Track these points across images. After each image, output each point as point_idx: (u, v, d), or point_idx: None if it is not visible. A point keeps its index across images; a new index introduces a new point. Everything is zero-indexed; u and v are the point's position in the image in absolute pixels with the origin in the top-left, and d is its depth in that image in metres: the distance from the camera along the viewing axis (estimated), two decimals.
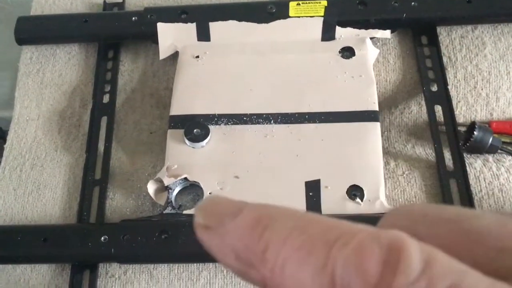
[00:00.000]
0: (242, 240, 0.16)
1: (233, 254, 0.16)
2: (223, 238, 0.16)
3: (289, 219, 0.16)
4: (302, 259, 0.14)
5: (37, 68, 0.64)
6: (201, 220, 0.17)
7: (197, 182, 0.53)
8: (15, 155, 0.59)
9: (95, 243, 0.49)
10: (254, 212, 0.16)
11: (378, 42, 0.62)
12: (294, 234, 0.15)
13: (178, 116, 0.56)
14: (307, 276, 0.14)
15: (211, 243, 0.17)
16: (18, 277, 0.53)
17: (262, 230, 0.15)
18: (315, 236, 0.15)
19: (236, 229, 0.16)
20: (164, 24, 0.61)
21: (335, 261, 0.14)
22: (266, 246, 0.15)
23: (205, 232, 0.17)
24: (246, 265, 0.16)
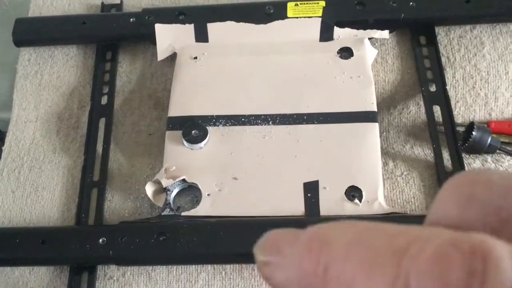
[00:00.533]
0: (301, 266, 0.15)
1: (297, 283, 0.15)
2: (284, 270, 0.15)
3: (344, 231, 0.14)
4: (370, 274, 0.13)
5: (35, 70, 0.64)
6: (261, 257, 0.16)
7: (195, 184, 0.53)
8: (13, 157, 0.59)
9: (93, 245, 0.49)
10: (308, 234, 0.15)
11: (376, 42, 0.61)
12: (353, 247, 0.14)
13: (176, 118, 0.56)
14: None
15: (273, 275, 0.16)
16: (16, 279, 0.53)
17: (319, 250, 0.14)
18: (379, 247, 0.13)
19: (295, 256, 0.15)
20: (162, 25, 0.61)
21: (409, 272, 0.12)
22: (326, 266, 0.14)
23: (266, 268, 0.16)
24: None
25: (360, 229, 0.14)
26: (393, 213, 0.50)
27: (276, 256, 0.15)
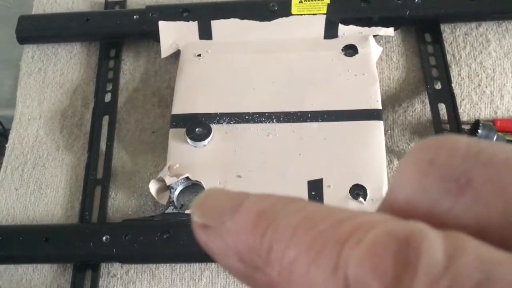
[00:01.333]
0: (244, 240, 0.14)
1: (236, 256, 0.14)
2: (223, 238, 0.15)
3: (294, 212, 0.14)
4: (312, 260, 0.13)
5: (39, 67, 0.64)
6: (198, 218, 0.15)
7: (199, 182, 0.52)
8: (17, 154, 0.59)
9: (97, 243, 0.49)
10: (255, 206, 0.14)
11: (381, 40, 0.61)
12: (301, 231, 0.13)
13: (180, 115, 0.56)
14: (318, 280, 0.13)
15: (211, 244, 0.15)
16: (20, 277, 0.53)
17: (265, 228, 0.14)
18: (325, 233, 0.13)
19: (237, 228, 0.14)
20: (166, 22, 0.61)
21: (348, 262, 0.12)
22: (270, 246, 0.13)
23: (203, 232, 0.15)
24: (251, 268, 0.14)
25: (309, 212, 0.14)
26: None
27: (217, 223, 0.15)
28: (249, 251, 0.14)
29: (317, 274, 0.13)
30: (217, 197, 0.15)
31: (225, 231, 0.14)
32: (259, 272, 0.14)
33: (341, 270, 0.12)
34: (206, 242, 0.15)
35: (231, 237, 0.14)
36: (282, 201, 0.14)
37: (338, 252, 0.12)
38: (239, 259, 0.14)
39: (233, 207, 0.14)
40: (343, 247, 0.12)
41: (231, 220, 0.14)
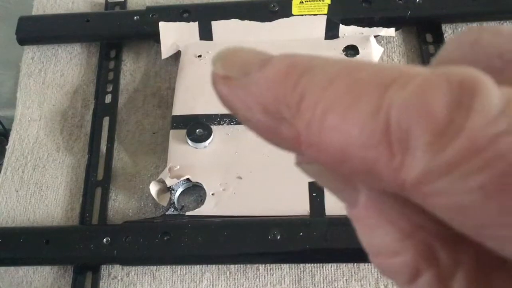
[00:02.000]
0: (272, 90, 0.13)
1: (260, 107, 0.13)
2: (248, 89, 0.13)
3: (330, 63, 0.13)
4: (348, 106, 0.12)
5: (39, 68, 0.64)
6: (220, 70, 0.14)
7: (199, 183, 0.52)
8: (17, 156, 0.59)
9: (97, 245, 0.49)
10: (287, 59, 0.13)
11: (382, 40, 0.61)
12: (338, 78, 0.12)
13: (181, 116, 0.56)
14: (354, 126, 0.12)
15: (232, 96, 0.14)
16: (20, 279, 0.52)
17: (298, 77, 0.13)
18: (365, 79, 0.12)
19: (266, 78, 0.13)
20: (166, 23, 0.61)
21: (391, 103, 0.11)
22: (303, 94, 0.12)
23: (225, 83, 0.14)
24: (276, 120, 0.13)
25: (346, 62, 0.13)
26: None
27: (241, 76, 0.14)
28: (277, 101, 0.13)
29: (353, 119, 0.12)
30: (242, 51, 0.14)
31: (251, 81, 0.13)
32: (285, 124, 0.13)
33: (383, 113, 0.11)
34: (226, 94, 0.14)
35: (257, 87, 0.13)
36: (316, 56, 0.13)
37: (381, 94, 0.11)
38: (264, 111, 0.13)
39: (262, 60, 0.14)
40: (387, 89, 0.11)
41: (259, 71, 0.13)
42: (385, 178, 0.12)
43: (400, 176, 0.11)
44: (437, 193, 0.11)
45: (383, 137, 0.11)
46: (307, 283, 0.49)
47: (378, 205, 0.14)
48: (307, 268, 0.50)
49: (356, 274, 0.49)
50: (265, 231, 0.48)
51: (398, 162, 0.11)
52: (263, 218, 0.50)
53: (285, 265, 0.50)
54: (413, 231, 0.13)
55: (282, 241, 0.47)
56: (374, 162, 0.12)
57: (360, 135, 0.12)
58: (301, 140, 0.13)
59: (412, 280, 0.13)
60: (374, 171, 0.12)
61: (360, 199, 0.14)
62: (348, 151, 0.12)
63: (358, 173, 0.12)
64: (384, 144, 0.11)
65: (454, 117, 0.11)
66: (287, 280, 0.50)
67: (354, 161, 0.12)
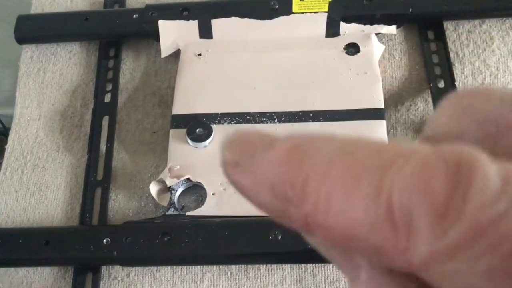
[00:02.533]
0: (277, 173, 0.13)
1: (269, 190, 0.14)
2: (255, 173, 0.14)
3: (331, 143, 0.13)
4: (351, 188, 0.12)
5: (38, 68, 0.64)
6: (229, 156, 0.15)
7: (200, 183, 0.52)
8: (17, 156, 0.58)
9: (97, 245, 0.49)
10: (289, 140, 0.14)
11: (383, 38, 0.60)
12: (338, 159, 0.13)
13: (181, 116, 0.55)
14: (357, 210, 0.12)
15: (242, 181, 0.14)
16: (20, 280, 0.52)
17: (300, 160, 0.13)
18: (364, 160, 0.12)
19: (271, 160, 0.14)
20: (166, 21, 0.60)
21: (392, 186, 0.11)
22: (306, 177, 0.13)
23: (234, 169, 0.15)
24: (284, 202, 0.13)
25: (345, 142, 0.13)
26: None
27: (247, 160, 0.14)
28: (283, 183, 0.13)
29: (356, 203, 0.12)
30: (248, 136, 0.15)
31: (258, 165, 0.14)
32: (293, 206, 0.13)
33: (384, 195, 0.12)
34: (236, 179, 0.15)
35: (264, 170, 0.14)
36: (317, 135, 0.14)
37: (381, 176, 0.12)
38: (272, 194, 0.14)
39: (267, 142, 0.14)
40: (386, 172, 0.12)
41: (265, 154, 0.14)
42: (391, 258, 0.12)
43: (407, 257, 0.12)
44: (444, 274, 0.11)
45: (387, 220, 0.12)
46: (309, 283, 0.49)
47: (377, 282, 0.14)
48: (309, 268, 0.50)
49: None
50: (266, 231, 0.48)
51: (403, 244, 0.11)
52: (264, 218, 0.49)
53: (287, 265, 0.50)
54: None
55: (283, 241, 0.47)
56: (380, 243, 0.12)
57: (364, 219, 0.12)
58: (310, 221, 0.13)
59: None
60: (381, 252, 0.12)
61: (361, 275, 0.14)
62: (354, 233, 0.12)
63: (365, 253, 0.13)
64: (389, 226, 0.12)
65: (454, 200, 0.11)
66: (289, 280, 0.49)
67: (361, 242, 0.12)
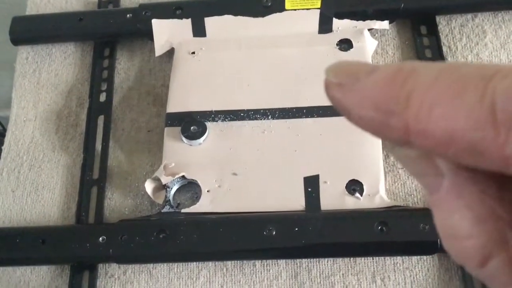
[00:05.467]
0: (383, 90, 0.15)
1: (372, 106, 0.16)
2: (360, 92, 0.16)
3: (433, 65, 0.15)
4: (454, 96, 0.14)
5: (33, 68, 0.64)
6: (333, 78, 0.17)
7: (195, 180, 0.52)
8: (13, 156, 0.59)
9: (93, 244, 0.49)
10: (393, 65, 0.16)
11: (376, 33, 0.61)
12: (442, 76, 0.14)
13: (175, 114, 0.55)
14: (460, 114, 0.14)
15: (346, 99, 0.16)
16: (18, 279, 0.53)
17: (405, 78, 0.15)
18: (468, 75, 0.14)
19: (375, 82, 0.16)
20: (159, 20, 0.60)
21: (495, 91, 0.13)
22: (410, 91, 0.15)
23: (338, 89, 0.17)
24: (386, 114, 0.15)
25: (447, 64, 0.15)
26: (395, 206, 0.49)
27: (353, 81, 0.16)
28: (387, 99, 0.15)
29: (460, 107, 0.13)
30: (350, 63, 0.17)
31: (363, 85, 0.16)
32: (395, 118, 0.15)
33: (488, 99, 0.13)
34: (340, 98, 0.17)
35: (369, 89, 0.16)
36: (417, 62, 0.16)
37: (485, 84, 0.13)
38: (375, 108, 0.15)
39: (370, 67, 0.16)
40: (490, 80, 0.13)
41: (370, 75, 0.16)
42: (489, 155, 0.13)
43: (505, 151, 0.13)
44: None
45: (489, 119, 0.13)
46: (304, 278, 0.49)
47: (459, 190, 0.16)
48: (304, 263, 0.50)
49: (353, 268, 0.49)
50: (260, 227, 0.48)
51: (503, 139, 0.13)
52: (259, 214, 0.50)
53: (282, 260, 0.50)
54: (488, 217, 0.15)
55: (278, 237, 0.47)
56: (480, 141, 0.13)
57: (467, 120, 0.13)
58: (410, 129, 0.15)
59: (483, 263, 0.15)
60: (480, 150, 0.13)
61: (443, 184, 0.16)
62: (455, 134, 0.14)
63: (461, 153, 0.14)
64: (490, 125, 0.13)
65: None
66: (284, 275, 0.50)
67: (461, 143, 0.14)
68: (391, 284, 0.48)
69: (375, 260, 0.49)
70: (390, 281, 0.48)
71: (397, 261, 0.49)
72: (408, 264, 0.49)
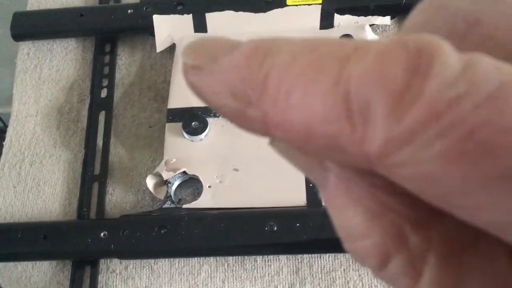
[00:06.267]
0: (238, 73, 0.13)
1: (228, 92, 0.13)
2: (215, 75, 0.14)
3: (293, 42, 0.13)
4: (310, 81, 0.12)
5: (35, 64, 0.64)
6: (189, 60, 0.14)
7: (196, 176, 0.52)
8: (14, 152, 0.59)
9: (94, 239, 0.49)
10: (252, 42, 0.13)
11: (378, 29, 0.60)
12: (300, 55, 0.12)
13: (176, 109, 0.55)
14: (315, 101, 0.12)
15: (202, 83, 0.14)
16: (20, 274, 0.53)
17: (262, 58, 0.13)
18: (326, 54, 0.12)
19: (231, 63, 0.13)
20: (160, 16, 0.60)
21: (350, 76, 0.11)
22: (267, 73, 0.12)
23: (194, 73, 0.14)
24: (244, 103, 0.13)
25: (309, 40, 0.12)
26: None
27: (209, 63, 0.14)
28: (243, 84, 0.13)
29: (315, 96, 0.12)
30: (211, 40, 0.14)
31: (218, 67, 0.14)
32: (252, 107, 0.13)
33: (342, 85, 0.11)
34: (196, 82, 0.14)
35: (226, 72, 0.13)
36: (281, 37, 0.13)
37: (340, 67, 0.11)
38: (232, 95, 0.13)
39: (229, 45, 0.14)
40: (346, 63, 0.11)
41: (228, 56, 0.13)
42: (349, 152, 0.12)
43: (364, 149, 0.11)
44: (401, 163, 0.11)
45: (344, 110, 0.11)
46: (305, 273, 0.49)
47: (347, 184, 0.14)
48: (305, 259, 0.50)
49: (354, 263, 0.49)
50: (262, 223, 0.48)
51: (360, 134, 0.11)
52: (260, 210, 0.50)
53: (283, 256, 0.50)
54: (381, 212, 0.14)
55: (279, 232, 0.47)
56: (337, 136, 0.12)
57: (321, 110, 0.11)
58: (268, 121, 0.13)
59: (383, 265, 0.14)
60: (338, 146, 0.12)
61: (330, 178, 0.14)
62: (311, 127, 0.12)
63: (323, 149, 0.12)
64: (345, 116, 0.11)
65: (412, 84, 0.10)
66: (285, 271, 0.50)
67: (318, 137, 0.12)
68: None
69: None
70: None
71: None
72: None
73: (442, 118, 0.10)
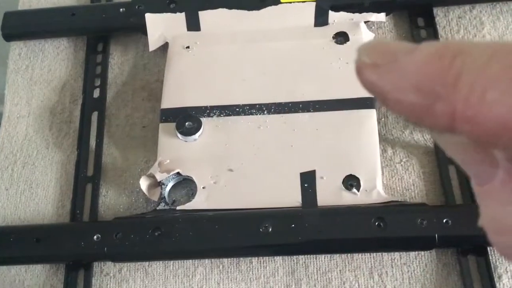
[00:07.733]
0: (426, 70, 0.14)
1: (413, 88, 0.14)
2: (399, 73, 0.15)
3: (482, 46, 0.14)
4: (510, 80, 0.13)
5: (26, 64, 0.63)
6: (367, 59, 0.15)
7: (190, 177, 0.52)
8: (6, 154, 0.58)
9: (87, 242, 0.48)
10: (435, 43, 0.15)
11: (373, 26, 0.60)
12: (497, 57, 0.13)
13: (170, 109, 0.55)
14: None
15: (381, 81, 0.15)
16: (13, 278, 0.52)
17: (452, 58, 0.14)
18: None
19: (417, 62, 0.14)
20: (153, 14, 0.60)
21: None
22: (459, 73, 0.13)
23: (373, 71, 0.15)
24: (430, 98, 0.14)
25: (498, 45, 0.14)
26: (392, 201, 0.49)
27: (390, 61, 0.15)
28: (431, 80, 0.14)
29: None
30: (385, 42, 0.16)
31: (402, 65, 0.15)
32: (440, 102, 0.14)
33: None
34: (375, 79, 0.15)
35: (409, 69, 0.14)
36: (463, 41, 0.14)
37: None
38: (416, 91, 0.14)
39: (409, 46, 0.15)
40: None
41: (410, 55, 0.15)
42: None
43: None
44: None
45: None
46: (301, 274, 0.49)
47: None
48: (301, 260, 0.49)
49: (350, 264, 0.49)
50: (257, 224, 0.47)
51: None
52: (255, 211, 0.49)
53: (278, 257, 0.50)
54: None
55: (274, 233, 0.47)
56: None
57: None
58: (457, 115, 0.14)
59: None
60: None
61: (498, 174, 0.15)
62: (508, 122, 0.13)
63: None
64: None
65: None
66: (281, 272, 0.49)
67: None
68: (389, 280, 0.48)
69: (372, 256, 0.49)
70: (387, 277, 0.48)
71: (394, 257, 0.48)
72: (405, 259, 0.48)
73: None
